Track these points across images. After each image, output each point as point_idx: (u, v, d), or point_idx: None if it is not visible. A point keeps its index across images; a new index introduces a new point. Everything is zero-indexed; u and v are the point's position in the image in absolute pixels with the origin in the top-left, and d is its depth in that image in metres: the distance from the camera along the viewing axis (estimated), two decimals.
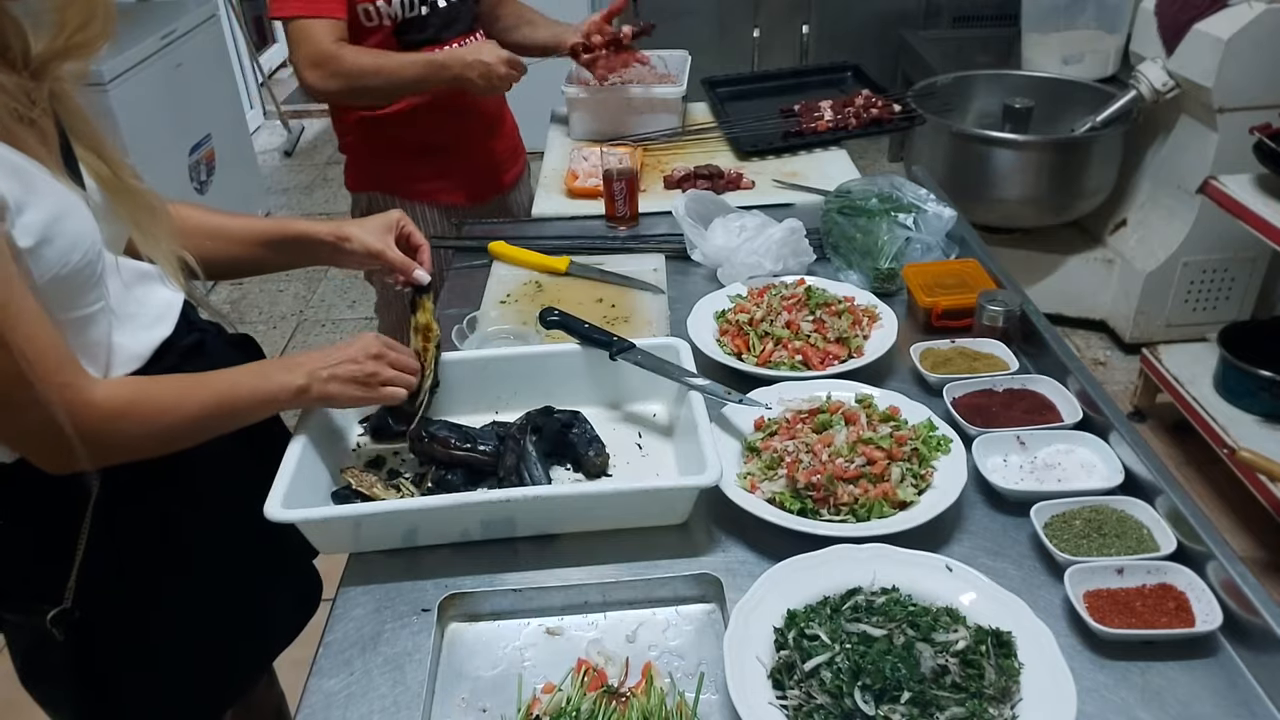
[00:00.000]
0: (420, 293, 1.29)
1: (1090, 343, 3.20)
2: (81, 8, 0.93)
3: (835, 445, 1.18)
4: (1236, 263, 2.90)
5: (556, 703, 0.93)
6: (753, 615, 0.97)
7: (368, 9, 1.81)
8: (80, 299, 0.98)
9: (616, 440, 1.28)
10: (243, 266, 1.30)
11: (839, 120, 2.20)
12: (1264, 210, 2.23)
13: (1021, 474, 1.18)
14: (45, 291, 0.93)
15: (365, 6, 1.80)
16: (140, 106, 3.24)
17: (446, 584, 1.08)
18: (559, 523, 1.14)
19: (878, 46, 4.21)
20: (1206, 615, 0.96)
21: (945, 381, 1.32)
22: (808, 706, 0.88)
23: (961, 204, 1.72)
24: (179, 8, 3.66)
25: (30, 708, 1.19)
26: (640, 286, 1.67)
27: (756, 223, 1.67)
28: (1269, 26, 2.49)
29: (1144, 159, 3.05)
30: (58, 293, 0.95)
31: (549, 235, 1.87)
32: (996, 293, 1.45)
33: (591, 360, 1.33)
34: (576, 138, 2.28)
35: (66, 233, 0.93)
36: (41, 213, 0.91)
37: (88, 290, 0.99)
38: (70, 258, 0.94)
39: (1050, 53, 3.27)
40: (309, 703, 0.96)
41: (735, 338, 1.46)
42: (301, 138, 5.12)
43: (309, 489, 1.14)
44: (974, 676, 0.89)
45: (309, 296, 3.75)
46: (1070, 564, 1.02)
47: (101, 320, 1.02)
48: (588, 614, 1.06)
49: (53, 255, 0.92)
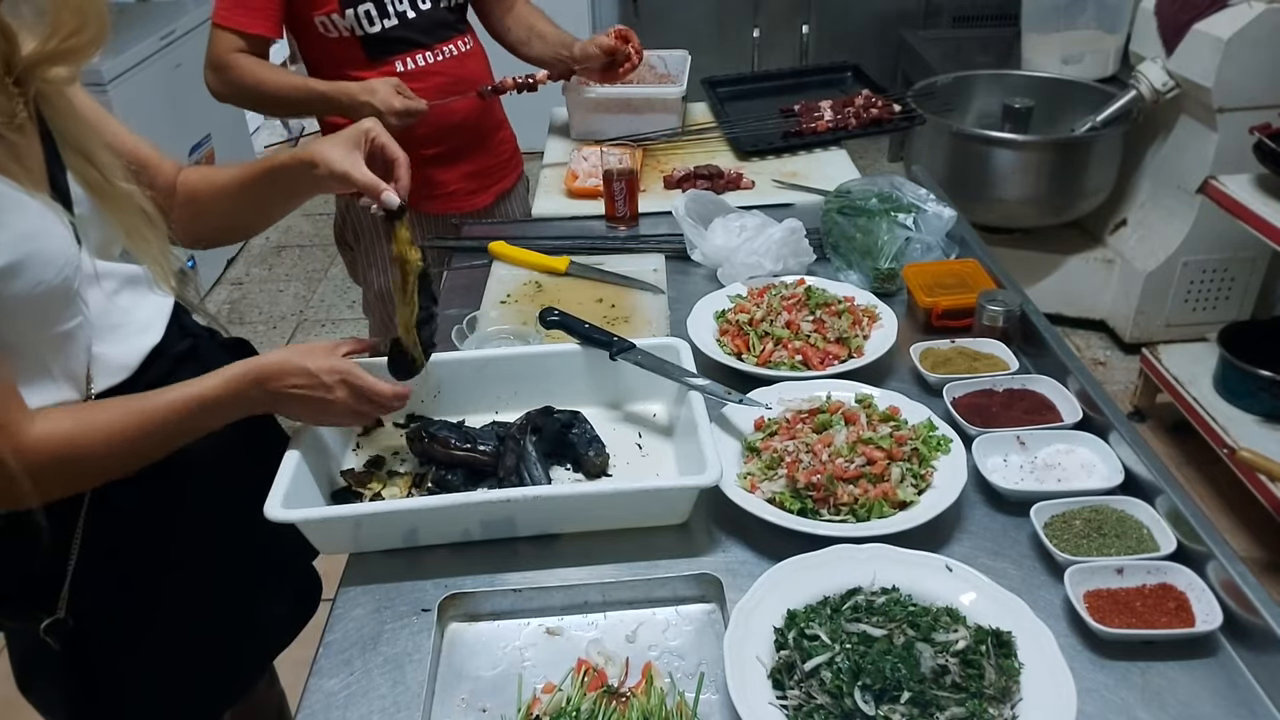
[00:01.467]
0: (393, 218, 1.13)
1: (1090, 343, 3.20)
2: (75, 13, 0.91)
3: (835, 445, 1.18)
4: (1236, 263, 2.90)
5: (556, 703, 0.93)
6: (753, 615, 0.97)
7: (323, 20, 1.83)
8: (56, 317, 0.96)
9: (616, 440, 1.28)
10: (246, 217, 1.24)
11: (839, 120, 2.20)
12: (1264, 210, 2.23)
13: (1021, 474, 1.18)
14: (17, 312, 0.91)
15: (321, 18, 1.82)
16: (140, 106, 3.24)
17: (446, 584, 1.08)
18: (559, 523, 1.14)
19: (878, 46, 4.22)
20: (1206, 615, 0.96)
21: (945, 381, 1.32)
22: (808, 707, 0.88)
23: (961, 204, 1.72)
24: (178, 8, 3.66)
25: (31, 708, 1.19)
26: (640, 286, 1.67)
27: (756, 223, 1.67)
28: (1269, 26, 2.49)
29: (1144, 159, 3.05)
30: (31, 312, 0.93)
31: (549, 235, 1.87)
32: (996, 293, 1.45)
33: (591, 360, 1.33)
34: (576, 138, 2.28)
35: (39, 253, 0.91)
36: (8, 233, 0.88)
37: (64, 308, 0.97)
38: (43, 277, 0.92)
39: (1050, 53, 3.27)
40: (309, 703, 0.96)
41: (735, 338, 1.46)
42: (301, 137, 5.12)
43: (309, 489, 1.14)
44: (974, 676, 0.89)
45: (309, 296, 3.75)
46: (1070, 564, 1.02)
47: (80, 336, 1.00)
48: (588, 614, 1.06)
49: (23, 277, 0.90)
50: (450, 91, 1.92)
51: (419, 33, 1.89)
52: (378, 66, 1.87)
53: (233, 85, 1.80)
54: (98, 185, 1.01)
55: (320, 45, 1.87)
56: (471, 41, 2.01)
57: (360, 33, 1.83)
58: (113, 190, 1.02)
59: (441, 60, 1.93)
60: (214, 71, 1.81)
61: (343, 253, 2.23)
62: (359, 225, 2.08)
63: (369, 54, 1.86)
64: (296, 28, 1.87)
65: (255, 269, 3.97)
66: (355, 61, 1.86)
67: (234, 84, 1.80)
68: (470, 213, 2.06)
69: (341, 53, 1.86)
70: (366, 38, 1.84)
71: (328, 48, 1.86)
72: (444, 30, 1.93)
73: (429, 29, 1.90)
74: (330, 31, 1.83)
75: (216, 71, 1.80)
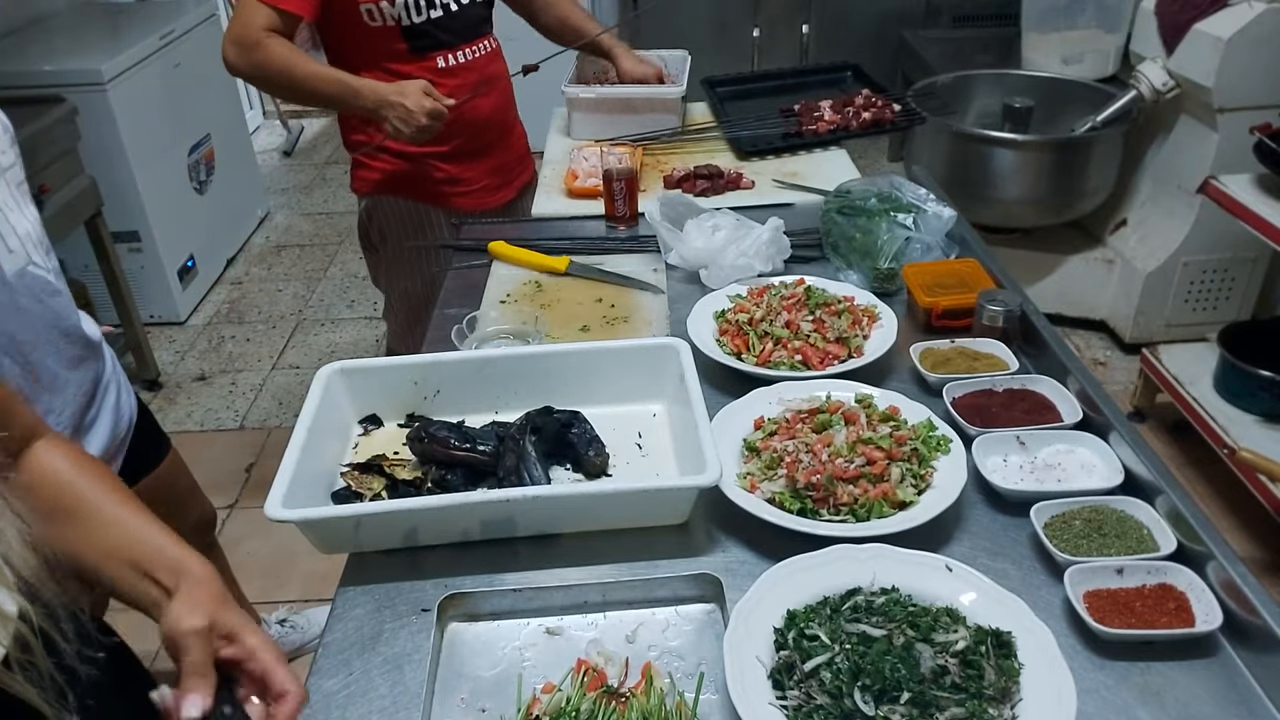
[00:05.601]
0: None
1: (1090, 343, 3.20)
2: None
3: (835, 445, 1.18)
4: (1236, 263, 2.90)
5: (556, 703, 0.93)
6: (753, 615, 0.97)
7: (370, 9, 1.80)
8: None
9: (616, 440, 1.28)
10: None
11: (839, 120, 2.20)
12: (1264, 210, 2.23)
13: (1021, 474, 1.18)
14: None
15: (368, 6, 1.80)
16: (139, 106, 3.24)
17: (446, 584, 1.08)
18: (559, 523, 1.14)
19: (878, 46, 4.21)
20: (1206, 615, 0.96)
21: (945, 381, 1.32)
22: (807, 707, 0.88)
23: (961, 204, 1.72)
24: (178, 8, 3.66)
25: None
26: (640, 286, 1.67)
27: (730, 222, 1.66)
28: (1269, 26, 2.49)
29: (1144, 159, 3.04)
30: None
31: (549, 235, 1.87)
32: (996, 293, 1.45)
33: (592, 360, 1.33)
34: (576, 138, 2.28)
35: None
36: None
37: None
38: None
39: (1050, 53, 3.27)
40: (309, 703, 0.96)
41: (735, 337, 1.46)
42: (301, 138, 5.12)
43: (309, 489, 1.14)
44: (974, 677, 0.89)
45: (308, 296, 3.75)
46: (1070, 564, 1.02)
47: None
48: (587, 614, 1.06)
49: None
50: (482, 88, 1.93)
51: (457, 27, 1.90)
52: (418, 61, 1.86)
53: (258, 66, 1.73)
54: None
55: (360, 35, 1.83)
56: (495, 40, 2.04)
57: (407, 22, 1.82)
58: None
59: (478, 57, 1.96)
60: (239, 48, 1.72)
61: (366, 254, 2.21)
62: (385, 226, 2.07)
63: (411, 47, 1.85)
64: (337, 16, 1.82)
65: (255, 268, 3.97)
66: (395, 54, 1.85)
67: (260, 64, 1.73)
68: (495, 208, 2.08)
69: (382, 44, 1.84)
70: (410, 29, 1.83)
71: (368, 38, 1.83)
72: (478, 27, 1.96)
73: (465, 26, 1.92)
74: (375, 20, 1.81)
75: (243, 49, 1.72)
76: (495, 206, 2.09)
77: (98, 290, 3.07)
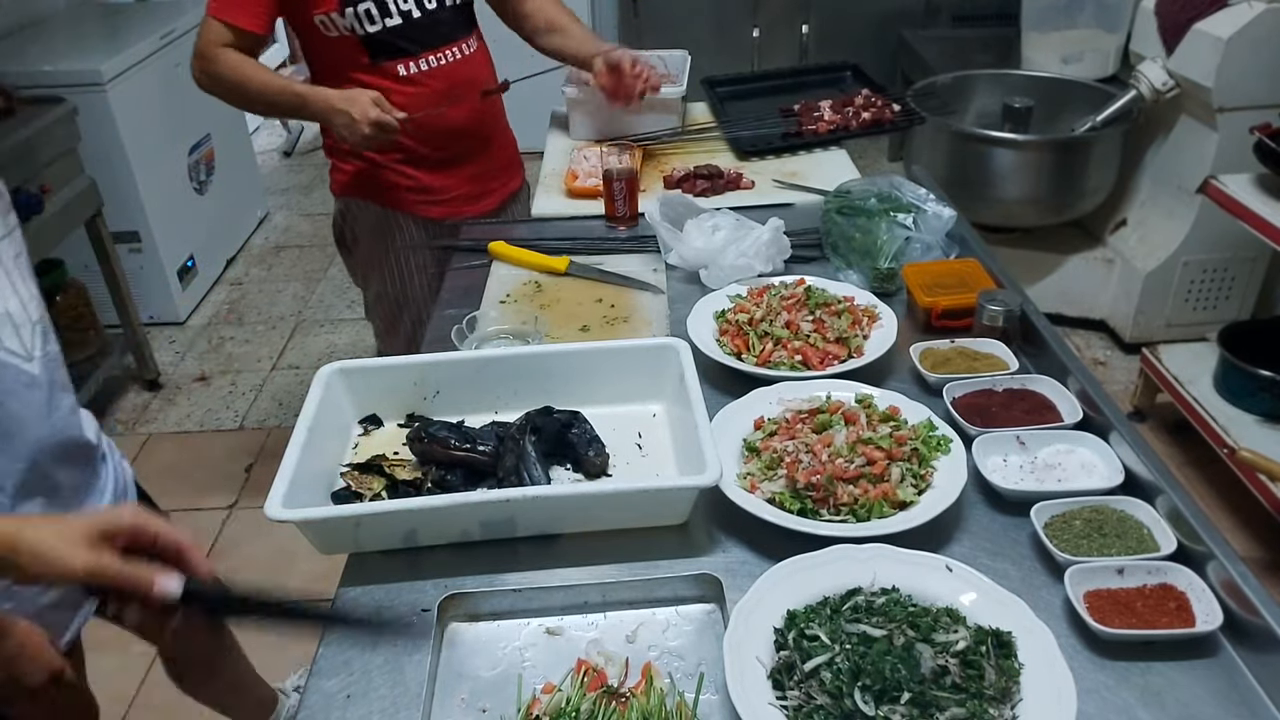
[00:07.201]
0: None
1: (1090, 343, 3.20)
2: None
3: (835, 445, 1.18)
4: (1236, 263, 2.90)
5: (556, 703, 0.93)
6: (753, 615, 0.97)
7: (323, 20, 1.82)
8: None
9: (616, 440, 1.28)
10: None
11: (839, 120, 2.20)
12: (1264, 210, 2.23)
13: (1021, 474, 1.18)
14: None
15: (321, 18, 1.81)
16: (139, 107, 3.24)
17: (446, 584, 1.08)
18: (559, 523, 1.14)
19: (877, 46, 4.21)
20: (1207, 615, 0.96)
21: (945, 381, 1.32)
22: (808, 707, 0.88)
23: (961, 204, 1.72)
24: (177, 8, 3.66)
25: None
26: (640, 286, 1.67)
27: (730, 222, 1.66)
28: (1269, 26, 2.49)
29: (1144, 159, 3.04)
30: None
31: (549, 235, 1.87)
32: (996, 293, 1.45)
33: (592, 360, 1.33)
34: (576, 138, 2.28)
35: None
36: None
37: None
38: None
39: (1050, 52, 3.27)
40: (309, 703, 0.96)
41: (735, 338, 1.46)
42: (300, 138, 5.11)
43: (309, 489, 1.14)
44: (974, 677, 0.89)
45: (307, 297, 3.75)
46: (1070, 564, 1.02)
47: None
48: (588, 614, 1.06)
49: None
50: (452, 96, 1.90)
51: (423, 34, 1.87)
52: (377, 69, 1.86)
53: (214, 78, 1.82)
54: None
55: (322, 45, 1.86)
56: (476, 43, 1.98)
57: (361, 32, 1.82)
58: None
59: (444, 64, 1.90)
60: (198, 61, 1.82)
61: (342, 254, 2.22)
62: (358, 226, 2.07)
63: (372, 55, 1.85)
64: (299, 27, 1.87)
65: (254, 269, 3.97)
66: (357, 63, 1.85)
67: (215, 77, 1.81)
68: (473, 218, 2.04)
69: (343, 53, 1.85)
70: (367, 38, 1.83)
71: (329, 47, 1.85)
72: (449, 31, 1.91)
73: (434, 30, 1.88)
74: (330, 30, 1.82)
75: (201, 62, 1.82)
76: (475, 215, 2.04)
77: (98, 290, 3.07)
